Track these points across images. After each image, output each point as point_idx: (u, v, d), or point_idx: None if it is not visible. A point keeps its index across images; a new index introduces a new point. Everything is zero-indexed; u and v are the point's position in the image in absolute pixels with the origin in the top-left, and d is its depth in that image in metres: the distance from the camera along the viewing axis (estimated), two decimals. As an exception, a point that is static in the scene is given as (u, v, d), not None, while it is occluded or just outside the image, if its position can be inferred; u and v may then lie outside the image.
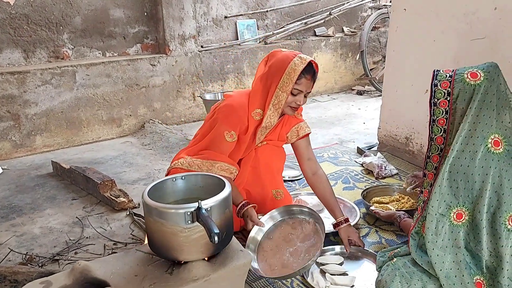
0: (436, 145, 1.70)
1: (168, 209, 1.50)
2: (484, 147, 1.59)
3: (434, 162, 1.71)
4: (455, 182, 1.60)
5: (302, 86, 2.08)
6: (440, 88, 1.67)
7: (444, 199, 1.60)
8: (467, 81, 1.62)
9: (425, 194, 1.73)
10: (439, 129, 1.69)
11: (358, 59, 5.76)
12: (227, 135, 2.12)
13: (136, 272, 1.59)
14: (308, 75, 2.08)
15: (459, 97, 1.63)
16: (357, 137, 3.99)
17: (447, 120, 1.67)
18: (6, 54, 3.66)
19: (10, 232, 2.46)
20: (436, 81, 1.68)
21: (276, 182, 2.39)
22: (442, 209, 1.60)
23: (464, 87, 1.63)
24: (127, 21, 4.16)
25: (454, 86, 1.65)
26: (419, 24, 2.94)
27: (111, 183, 2.82)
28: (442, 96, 1.66)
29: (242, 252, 1.69)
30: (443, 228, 1.60)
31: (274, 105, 2.12)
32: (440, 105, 1.67)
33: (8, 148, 3.63)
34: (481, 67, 1.66)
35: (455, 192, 1.60)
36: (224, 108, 2.17)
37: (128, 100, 4.14)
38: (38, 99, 3.68)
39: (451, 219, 1.61)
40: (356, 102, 5.36)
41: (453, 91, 1.65)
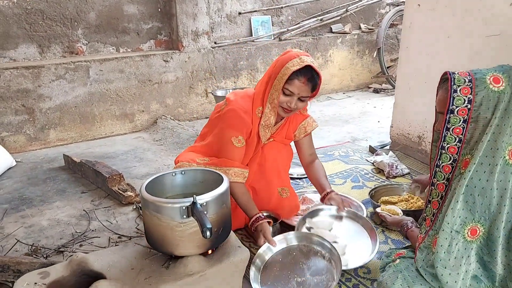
0: (448, 154, 1.58)
1: (163, 203, 1.50)
2: (502, 160, 1.47)
3: (445, 172, 1.60)
4: (472, 197, 1.50)
5: (294, 88, 1.99)
6: (460, 95, 1.52)
7: (459, 215, 1.50)
8: (491, 88, 1.50)
9: (434, 206, 1.64)
10: (454, 138, 1.56)
11: (375, 57, 5.67)
12: (235, 141, 2.08)
13: (133, 266, 1.60)
14: (302, 78, 1.98)
15: (482, 105, 1.50)
16: (370, 136, 3.93)
17: (464, 129, 1.54)
18: (22, 49, 3.73)
19: (19, 223, 2.50)
20: (455, 86, 1.54)
21: (282, 180, 2.36)
22: (457, 226, 1.51)
23: (488, 95, 1.50)
24: (140, 17, 4.19)
25: (477, 92, 1.51)
26: (433, 20, 2.87)
27: (119, 177, 2.84)
28: (462, 104, 1.52)
29: (240, 248, 1.68)
30: (457, 245, 1.51)
31: (271, 104, 2.09)
32: (459, 113, 1.53)
33: (23, 141, 3.69)
34: (499, 70, 1.53)
35: (471, 207, 1.50)
36: (228, 114, 2.12)
37: (141, 95, 4.16)
38: (52, 94, 3.73)
39: (465, 236, 1.51)
40: (372, 100, 5.28)
41: (475, 98, 1.51)
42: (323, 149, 3.56)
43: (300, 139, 2.38)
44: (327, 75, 5.52)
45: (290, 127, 2.32)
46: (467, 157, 1.54)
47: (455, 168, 1.58)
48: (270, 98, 2.08)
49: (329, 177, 2.98)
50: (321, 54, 5.36)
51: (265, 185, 2.31)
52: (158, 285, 1.49)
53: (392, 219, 2.16)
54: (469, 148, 1.54)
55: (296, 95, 2.02)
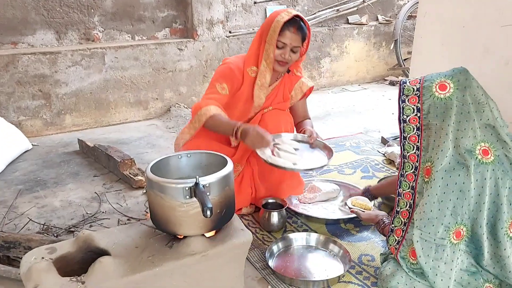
0: (410, 163, 1.63)
1: (167, 183, 1.52)
2: (475, 160, 1.51)
3: (409, 180, 1.64)
4: (451, 202, 1.51)
5: (286, 39, 2.11)
6: (408, 104, 1.60)
7: (441, 222, 1.52)
8: (437, 95, 1.54)
9: (403, 215, 1.65)
10: (412, 146, 1.62)
11: (392, 49, 5.61)
12: (218, 87, 2.21)
13: (137, 244, 1.63)
14: (292, 28, 2.11)
15: (430, 113, 1.56)
16: (383, 127, 3.90)
17: (419, 136, 1.59)
18: (40, 35, 3.80)
19: (32, 203, 2.57)
20: (404, 96, 1.60)
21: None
22: (440, 233, 1.52)
23: (434, 102, 1.55)
24: (156, 5, 4.22)
25: (424, 101, 1.57)
26: (448, 9, 2.82)
27: (131, 162, 2.89)
28: (412, 113, 1.59)
29: (243, 231, 1.69)
30: (444, 251, 1.53)
31: (266, 60, 2.18)
32: (410, 121, 1.60)
33: (39, 125, 3.78)
34: (449, 75, 1.57)
35: (452, 211, 1.52)
36: (219, 68, 2.30)
37: (155, 83, 4.20)
38: (69, 80, 3.80)
39: (451, 240, 1.53)
40: (387, 93, 5.23)
41: (422, 107, 1.57)
42: (334, 140, 3.55)
43: (296, 101, 2.44)
44: (342, 67, 5.48)
45: (286, 88, 2.39)
46: (427, 165, 1.56)
47: (417, 176, 1.60)
48: (265, 55, 2.17)
49: (339, 167, 3.00)
50: (337, 45, 5.32)
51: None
52: (160, 263, 1.51)
53: (367, 215, 2.06)
54: (428, 156, 1.57)
55: (289, 45, 2.13)
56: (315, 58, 5.20)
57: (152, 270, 1.49)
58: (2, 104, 3.57)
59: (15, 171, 3.02)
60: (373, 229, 2.21)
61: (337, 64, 5.42)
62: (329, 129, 3.88)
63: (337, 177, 2.84)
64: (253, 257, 2.01)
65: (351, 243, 2.12)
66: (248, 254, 1.94)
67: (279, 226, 2.21)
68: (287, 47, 2.14)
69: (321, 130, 3.81)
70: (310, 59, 5.18)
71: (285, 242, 2.07)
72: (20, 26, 3.70)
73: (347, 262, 1.90)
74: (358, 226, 2.26)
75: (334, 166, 3.02)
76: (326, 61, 5.32)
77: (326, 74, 5.39)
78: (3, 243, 1.96)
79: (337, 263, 1.95)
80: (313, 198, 2.46)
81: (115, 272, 1.46)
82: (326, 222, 2.28)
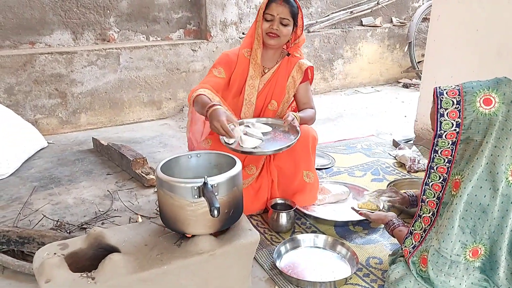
0: (437, 173, 1.55)
1: (176, 183, 1.55)
2: (505, 182, 1.42)
3: (435, 190, 1.57)
4: (472, 221, 1.46)
5: (272, 10, 2.20)
6: (447, 119, 1.46)
7: (459, 239, 1.47)
8: (481, 111, 1.43)
9: (425, 222, 1.61)
10: (443, 160, 1.53)
11: (405, 51, 5.57)
12: (215, 71, 2.33)
13: (147, 242, 1.66)
14: (278, 0, 2.20)
15: (471, 128, 1.45)
16: (395, 130, 3.88)
17: (453, 150, 1.49)
18: (57, 35, 3.87)
19: (46, 200, 2.63)
20: (442, 110, 1.47)
21: (310, 163, 2.37)
22: (457, 249, 1.47)
23: (477, 118, 1.44)
24: (171, 7, 4.26)
25: (465, 116, 1.44)
26: (462, 12, 2.81)
27: (143, 161, 2.93)
28: (450, 128, 1.47)
29: (251, 231, 1.71)
30: (457, 267, 1.49)
31: (257, 38, 2.27)
32: (447, 137, 1.48)
33: (55, 124, 3.85)
34: (493, 87, 1.44)
35: (472, 230, 1.46)
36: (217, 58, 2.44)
37: (169, 83, 4.25)
38: (84, 79, 3.87)
39: (466, 257, 1.48)
40: (400, 95, 5.20)
41: (463, 122, 1.45)
42: (345, 142, 3.55)
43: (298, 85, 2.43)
44: (355, 69, 5.47)
45: (286, 69, 2.41)
46: (457, 178, 1.50)
47: (445, 187, 1.54)
48: (256, 33, 2.27)
49: (349, 169, 3.00)
50: (350, 47, 5.31)
51: (292, 166, 2.33)
52: (169, 261, 1.54)
53: (376, 216, 2.02)
54: (459, 169, 1.49)
55: (276, 17, 2.21)
56: (328, 60, 5.20)
57: (160, 268, 1.52)
58: (20, 103, 3.65)
59: (31, 168, 3.09)
60: (382, 231, 2.22)
61: (350, 66, 5.41)
62: (340, 131, 3.88)
63: (347, 179, 2.84)
64: (261, 257, 2.02)
65: (359, 245, 2.12)
66: (256, 254, 1.97)
67: (287, 227, 2.22)
68: (275, 19, 2.21)
69: (332, 131, 3.83)
70: (323, 60, 5.19)
71: (293, 243, 2.08)
72: (38, 26, 3.78)
73: (354, 264, 1.91)
74: (367, 229, 2.26)
75: (344, 168, 3.02)
76: (339, 63, 5.32)
77: (339, 76, 5.39)
78: (17, 239, 2.01)
79: (344, 265, 1.96)
80: (322, 200, 2.47)
81: (124, 269, 1.49)
82: (335, 224, 2.28)
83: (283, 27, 2.23)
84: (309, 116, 2.41)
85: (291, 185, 2.36)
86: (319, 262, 2.00)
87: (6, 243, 2.02)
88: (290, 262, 1.99)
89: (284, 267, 1.94)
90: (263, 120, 2.35)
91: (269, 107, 2.42)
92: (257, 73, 2.34)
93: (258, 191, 2.35)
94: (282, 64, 2.41)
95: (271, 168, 2.37)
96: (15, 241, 2.01)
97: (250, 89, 2.36)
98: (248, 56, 2.34)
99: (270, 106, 2.42)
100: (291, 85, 2.41)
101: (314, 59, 5.07)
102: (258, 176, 2.36)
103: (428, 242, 1.57)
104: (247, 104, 2.38)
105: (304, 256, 2.03)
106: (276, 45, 2.30)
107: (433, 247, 1.51)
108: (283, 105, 2.45)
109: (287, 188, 2.37)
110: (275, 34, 2.23)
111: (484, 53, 2.70)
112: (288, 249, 2.06)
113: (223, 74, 2.31)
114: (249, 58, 2.34)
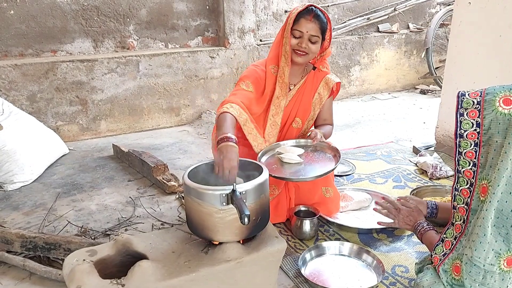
0: (465, 178, 1.52)
1: (205, 190, 1.56)
2: None
3: (464, 196, 1.54)
4: (504, 228, 1.42)
5: (302, 27, 2.12)
6: (467, 118, 1.46)
7: (492, 248, 1.43)
8: (500, 110, 1.41)
9: (457, 229, 1.58)
10: (467, 162, 1.50)
11: (423, 57, 5.54)
12: (242, 85, 2.22)
13: (174, 249, 1.67)
14: (307, 16, 2.12)
15: (491, 129, 1.43)
16: (414, 137, 3.85)
17: (477, 152, 1.48)
18: (78, 43, 3.93)
19: (70, 206, 2.65)
20: (462, 110, 1.47)
21: (328, 179, 2.34)
22: (490, 259, 1.43)
23: (496, 118, 1.42)
24: (189, 14, 4.30)
25: (485, 115, 1.44)
26: (484, 18, 2.78)
27: (164, 168, 2.95)
28: (470, 127, 1.46)
29: (277, 239, 1.71)
30: (492, 277, 1.45)
31: (284, 55, 2.19)
32: (468, 137, 1.47)
33: (76, 130, 3.90)
34: None
35: (505, 238, 1.43)
36: (243, 72, 2.38)
37: (187, 90, 4.28)
38: (104, 86, 3.91)
39: (501, 267, 1.44)
40: (418, 101, 5.16)
41: (483, 122, 1.44)
42: (365, 148, 3.53)
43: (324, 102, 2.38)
44: (372, 75, 5.45)
45: (313, 84, 2.35)
46: (483, 183, 1.48)
47: (473, 192, 1.52)
48: (283, 49, 2.18)
49: (370, 176, 2.98)
50: (367, 54, 5.30)
51: (310, 183, 2.27)
52: (197, 269, 1.54)
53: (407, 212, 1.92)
54: (485, 173, 1.47)
55: (306, 34, 2.13)
56: (344, 66, 5.19)
57: (189, 275, 1.52)
58: (42, 110, 3.71)
59: (53, 175, 3.13)
60: (407, 239, 2.19)
61: (367, 73, 5.39)
62: (359, 138, 3.86)
63: (369, 186, 2.82)
64: (285, 265, 2.01)
65: (384, 253, 2.10)
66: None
67: (311, 234, 2.21)
68: (304, 35, 2.13)
69: (351, 138, 3.81)
70: (339, 67, 5.18)
71: (318, 250, 2.07)
72: (59, 34, 3.84)
73: (380, 273, 1.89)
74: (391, 237, 2.24)
75: (365, 175, 3.00)
76: (356, 69, 5.31)
77: (355, 82, 5.37)
78: (44, 245, 2.03)
79: (370, 273, 1.94)
80: (345, 207, 2.46)
81: (153, 276, 1.50)
82: (359, 231, 2.27)
83: (311, 44, 2.15)
84: (328, 133, 2.41)
85: (311, 201, 2.33)
86: (344, 270, 1.98)
87: (33, 249, 2.05)
88: (315, 270, 1.97)
89: (309, 274, 1.93)
90: (292, 142, 2.29)
91: (293, 125, 2.36)
92: (284, 92, 2.26)
93: (276, 206, 2.31)
94: (308, 80, 2.34)
95: (288, 186, 2.33)
96: (42, 247, 2.03)
97: (276, 108, 2.28)
98: (275, 73, 2.25)
99: (294, 124, 2.35)
100: (317, 102, 2.36)
101: (331, 66, 5.05)
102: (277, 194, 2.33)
103: (459, 250, 1.54)
104: (272, 125, 2.30)
105: (329, 264, 2.02)
106: (304, 63, 2.24)
107: (466, 255, 1.48)
108: (308, 123, 2.40)
109: (306, 203, 2.33)
110: (304, 51, 2.16)
111: (507, 59, 2.67)
112: (313, 256, 2.05)
113: (251, 88, 2.20)
114: (276, 75, 2.25)
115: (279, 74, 2.23)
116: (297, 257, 2.02)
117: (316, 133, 2.22)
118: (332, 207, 2.41)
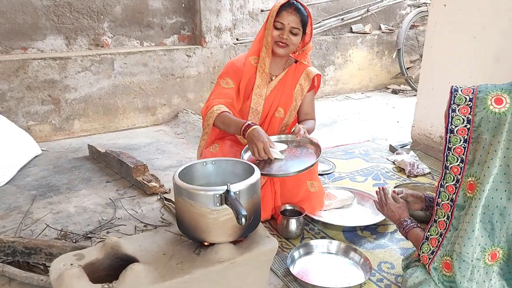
0: (452, 174, 1.56)
1: (197, 191, 1.53)
2: None
3: (449, 192, 1.58)
4: (490, 224, 1.47)
5: (283, 19, 2.18)
6: (458, 114, 1.49)
7: (479, 243, 1.47)
8: (491, 109, 1.45)
9: (441, 226, 1.61)
10: (456, 158, 1.54)
11: (394, 58, 5.67)
12: (222, 83, 2.30)
13: (164, 251, 1.64)
14: (289, 9, 2.18)
15: (481, 126, 1.47)
16: (390, 135, 3.94)
17: (465, 149, 1.51)
18: (50, 40, 3.80)
19: (47, 209, 2.56)
20: (454, 105, 1.50)
21: (313, 173, 2.38)
22: (477, 254, 1.48)
23: (487, 116, 1.46)
24: (165, 12, 4.24)
25: (476, 113, 1.47)
26: (459, 19, 2.87)
27: (144, 168, 2.89)
28: (461, 123, 1.49)
29: (269, 238, 1.70)
30: (478, 272, 1.49)
31: (265, 46, 2.26)
32: (458, 132, 1.51)
33: (48, 130, 3.77)
34: (506, 89, 1.47)
35: (490, 233, 1.47)
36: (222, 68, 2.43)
37: (163, 89, 4.22)
38: (78, 85, 3.80)
39: (485, 261, 1.49)
40: (390, 101, 5.28)
41: (474, 118, 1.48)
42: (343, 147, 3.58)
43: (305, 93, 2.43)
44: (346, 75, 5.53)
45: (294, 77, 2.40)
46: (470, 179, 1.51)
47: (458, 189, 1.55)
48: (265, 41, 2.25)
49: (350, 174, 3.02)
50: (341, 54, 5.37)
51: (295, 179, 2.30)
52: (190, 271, 1.52)
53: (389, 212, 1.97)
54: (473, 170, 1.51)
55: (287, 26, 2.19)
56: (320, 66, 5.24)
57: (182, 278, 1.49)
58: (12, 109, 3.57)
59: (27, 176, 3.01)
60: (390, 235, 2.23)
61: (341, 72, 5.47)
62: (336, 136, 3.91)
63: (349, 184, 2.86)
64: (273, 264, 2.01)
65: (369, 250, 2.13)
66: (269, 261, 1.95)
67: (297, 233, 2.22)
68: (285, 27, 2.19)
69: (328, 137, 3.85)
70: (315, 67, 5.21)
71: (306, 248, 2.08)
72: (30, 31, 3.70)
73: (367, 270, 1.92)
74: (375, 234, 2.28)
75: (345, 173, 3.04)
76: (330, 69, 5.37)
77: (330, 82, 5.44)
78: (23, 249, 1.95)
79: (357, 270, 1.97)
80: (328, 205, 2.48)
81: (146, 279, 1.46)
82: (343, 229, 2.29)
83: (292, 36, 2.22)
84: (311, 128, 2.44)
85: (296, 196, 2.35)
86: (332, 268, 2.00)
87: (12, 254, 1.96)
88: (303, 268, 1.98)
89: (297, 273, 1.94)
90: (274, 137, 2.29)
91: (276, 114, 2.40)
92: (264, 82, 2.32)
93: (262, 201, 2.31)
94: (289, 71, 2.40)
95: (274, 180, 2.34)
96: (21, 252, 1.95)
97: (257, 98, 2.34)
98: (255, 64, 2.32)
99: (277, 113, 2.40)
100: (299, 93, 2.41)
101: (306, 65, 5.10)
102: (261, 187, 2.34)
103: (446, 247, 1.58)
104: (253, 113, 2.36)
105: (317, 262, 2.03)
106: (285, 54, 2.29)
107: (455, 252, 1.52)
108: (290, 113, 2.43)
109: (292, 198, 2.35)
110: (285, 43, 2.22)
111: (482, 59, 2.76)
112: (301, 255, 2.06)
113: (231, 84, 2.28)
114: (256, 66, 2.32)
115: (260, 64, 2.31)
116: (285, 256, 2.03)
117: (300, 128, 2.25)
118: (316, 203, 2.43)
